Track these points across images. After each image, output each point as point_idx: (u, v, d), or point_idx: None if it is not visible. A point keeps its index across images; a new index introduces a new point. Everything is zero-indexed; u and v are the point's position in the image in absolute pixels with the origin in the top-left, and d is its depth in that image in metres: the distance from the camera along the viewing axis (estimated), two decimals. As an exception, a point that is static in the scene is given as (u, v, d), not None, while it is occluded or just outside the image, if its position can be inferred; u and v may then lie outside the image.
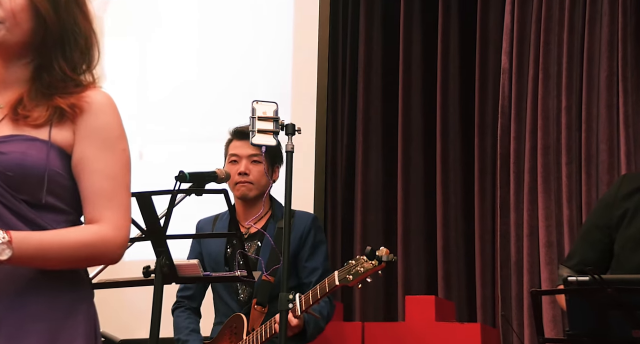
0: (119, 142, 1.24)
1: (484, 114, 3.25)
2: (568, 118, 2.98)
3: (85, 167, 1.22)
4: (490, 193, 3.21)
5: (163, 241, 1.86)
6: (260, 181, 2.41)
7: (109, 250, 1.20)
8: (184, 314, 2.48)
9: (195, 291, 2.50)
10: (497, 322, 3.07)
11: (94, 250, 1.20)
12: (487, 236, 3.17)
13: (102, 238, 1.20)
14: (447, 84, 3.33)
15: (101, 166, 1.22)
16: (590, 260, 1.93)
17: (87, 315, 1.22)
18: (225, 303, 2.44)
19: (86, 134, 1.22)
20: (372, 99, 3.48)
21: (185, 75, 3.46)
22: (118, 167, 1.23)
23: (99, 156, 1.22)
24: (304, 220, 2.43)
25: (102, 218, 1.21)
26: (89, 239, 1.19)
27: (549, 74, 3.04)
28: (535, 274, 2.96)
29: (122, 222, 1.21)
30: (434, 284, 3.22)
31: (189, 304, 2.50)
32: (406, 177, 3.34)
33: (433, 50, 3.36)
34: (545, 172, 2.99)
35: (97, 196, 1.21)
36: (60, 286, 1.20)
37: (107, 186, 1.21)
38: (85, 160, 1.22)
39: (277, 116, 2.05)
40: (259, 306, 2.36)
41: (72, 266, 1.21)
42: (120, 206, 1.21)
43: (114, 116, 1.24)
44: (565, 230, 2.91)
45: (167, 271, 1.86)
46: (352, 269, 2.09)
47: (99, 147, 1.22)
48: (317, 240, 2.43)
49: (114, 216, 1.21)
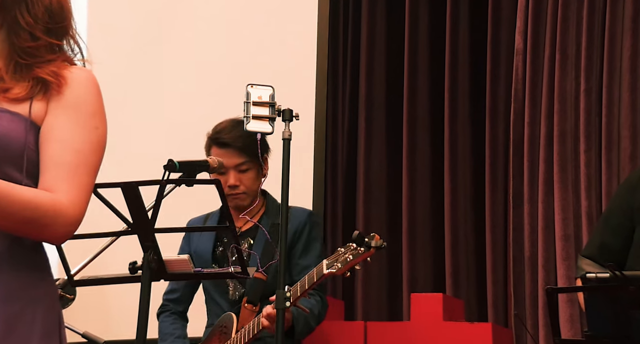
0: (93, 118, 1.21)
1: (496, 98, 3.23)
2: (587, 102, 2.96)
3: (51, 135, 1.18)
4: (502, 183, 3.20)
5: (151, 234, 1.85)
6: (252, 187, 2.41)
7: (58, 221, 1.15)
8: (169, 319, 2.48)
9: (182, 294, 2.50)
10: (509, 322, 3.07)
11: (42, 215, 1.14)
12: (499, 229, 3.16)
13: (54, 206, 1.15)
14: (456, 67, 3.31)
15: (67, 137, 1.18)
16: (612, 246, 1.92)
17: (48, 310, 1.19)
18: (216, 302, 2.43)
19: (59, 105, 1.20)
20: (375, 83, 3.47)
21: (176, 55, 3.45)
22: (85, 143, 1.19)
23: (67, 126, 1.19)
24: (300, 215, 2.42)
25: (57, 189, 1.16)
26: (41, 202, 1.15)
27: (566, 55, 3.02)
28: (550, 271, 2.95)
29: (79, 201, 1.17)
30: (441, 281, 3.21)
31: (175, 308, 2.50)
32: (411, 166, 3.33)
33: (441, 30, 3.34)
34: (562, 161, 2.98)
35: (56, 166, 1.17)
36: (18, 273, 1.17)
37: (69, 159, 1.17)
38: (52, 129, 1.19)
39: (273, 101, 2.03)
40: (249, 305, 2.35)
41: (12, 226, 1.15)
42: (79, 184, 1.17)
43: (92, 91, 1.22)
44: (584, 223, 2.89)
45: (155, 267, 1.84)
46: (341, 256, 2.08)
47: (69, 118, 1.19)
48: (311, 237, 2.42)
49: (71, 191, 1.16)
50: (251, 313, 2.34)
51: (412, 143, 3.34)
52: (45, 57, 1.22)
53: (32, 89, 1.20)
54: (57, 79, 1.20)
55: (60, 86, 1.20)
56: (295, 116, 2.08)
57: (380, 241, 2.05)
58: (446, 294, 3.05)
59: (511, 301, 3.03)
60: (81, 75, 1.22)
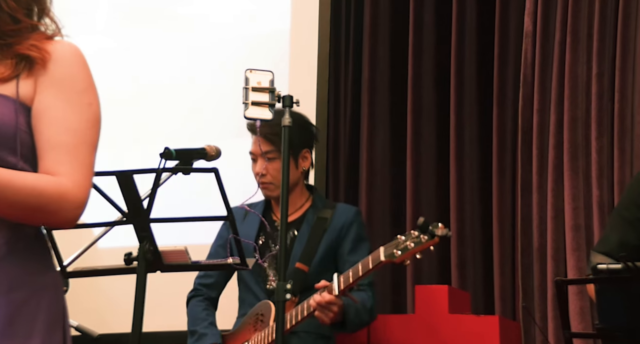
0: (85, 95, 1.20)
1: (504, 83, 3.21)
2: (599, 87, 2.94)
3: (43, 116, 1.18)
4: (511, 172, 3.18)
5: (146, 224, 1.85)
6: (279, 177, 2.38)
7: (65, 206, 1.16)
8: (202, 303, 2.47)
9: (216, 280, 2.49)
10: (517, 314, 3.06)
11: (47, 201, 1.15)
12: (507, 219, 3.15)
13: (58, 190, 1.15)
14: (463, 50, 3.29)
15: (61, 116, 1.18)
16: (632, 242, 1.91)
17: (53, 301, 1.19)
18: (252, 292, 2.43)
19: (47, 84, 1.19)
20: (379, 68, 3.45)
21: (175, 43, 3.45)
22: (81, 121, 1.19)
23: (60, 106, 1.18)
24: (347, 212, 2.45)
25: (59, 172, 1.17)
26: (45, 187, 1.15)
27: (578, 37, 3.00)
28: (560, 262, 2.94)
29: (83, 181, 1.17)
30: (447, 273, 3.21)
31: (208, 294, 2.49)
32: (416, 154, 3.32)
33: (447, 12, 3.32)
34: (573, 148, 2.96)
35: (54, 148, 1.17)
36: (22, 262, 1.17)
37: (66, 139, 1.17)
38: (44, 109, 1.18)
39: (273, 87, 2.03)
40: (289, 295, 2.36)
41: (18, 215, 1.15)
42: (81, 164, 1.17)
43: (80, 67, 1.21)
44: (595, 212, 2.88)
45: (151, 258, 1.85)
46: (401, 244, 2.08)
47: (61, 97, 1.18)
48: (360, 234, 2.45)
49: (74, 172, 1.17)
50: (290, 304, 2.33)
51: (416, 130, 3.33)
52: (25, 35, 1.22)
53: (16, 67, 1.19)
54: (41, 53, 1.19)
55: (45, 60, 1.19)
56: (295, 102, 2.07)
57: (446, 230, 2.06)
58: (452, 286, 3.05)
59: (519, 293, 3.03)
60: (66, 49, 1.21)
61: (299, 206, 2.47)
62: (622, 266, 1.67)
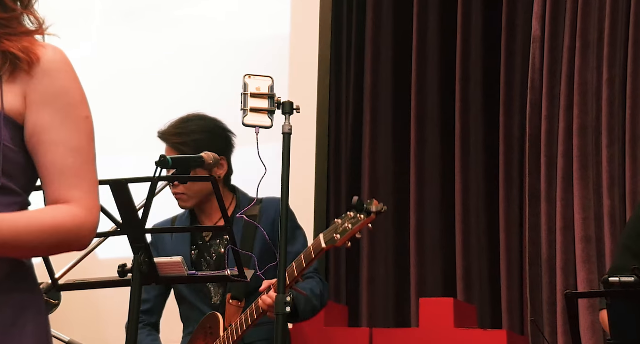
0: (81, 108, 1.19)
1: (511, 89, 3.21)
2: (610, 93, 2.94)
3: (44, 139, 1.17)
4: (518, 181, 3.18)
5: (142, 235, 1.84)
6: (192, 188, 2.39)
7: (82, 235, 1.18)
8: (145, 331, 2.46)
9: (154, 305, 2.48)
10: (526, 329, 3.05)
11: (68, 235, 1.16)
12: (514, 229, 3.14)
13: (75, 221, 1.17)
14: (469, 55, 3.29)
15: (63, 137, 1.17)
16: None
17: (37, 324, 1.19)
18: (198, 309, 2.41)
19: (41, 99, 1.17)
20: (382, 73, 3.45)
21: (171, 47, 3.45)
22: (83, 139, 1.18)
23: (60, 125, 1.17)
24: (275, 204, 2.41)
25: (70, 199, 1.17)
26: (62, 222, 1.16)
27: (588, 42, 3.00)
28: (570, 274, 2.93)
29: (93, 204, 1.18)
30: (452, 285, 3.20)
31: (148, 320, 2.48)
32: (420, 162, 3.31)
33: (452, 16, 3.31)
34: (583, 157, 2.96)
35: (61, 173, 1.17)
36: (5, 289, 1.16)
37: (72, 162, 1.17)
38: (43, 131, 1.17)
39: (272, 93, 2.02)
40: (234, 301, 2.34)
41: (43, 254, 1.20)
42: (89, 185, 1.18)
43: (73, 77, 1.19)
44: (606, 223, 2.88)
45: (146, 270, 1.83)
46: (340, 227, 2.06)
47: (59, 115, 1.17)
48: (293, 224, 2.41)
49: (84, 197, 1.17)
50: (237, 310, 2.32)
51: (421, 138, 3.32)
52: (18, 29, 1.20)
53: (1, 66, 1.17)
54: (28, 55, 1.17)
55: (32, 64, 1.17)
56: (296, 109, 2.06)
57: (381, 205, 2.04)
58: (457, 299, 3.04)
59: (527, 307, 3.02)
60: (57, 58, 1.19)
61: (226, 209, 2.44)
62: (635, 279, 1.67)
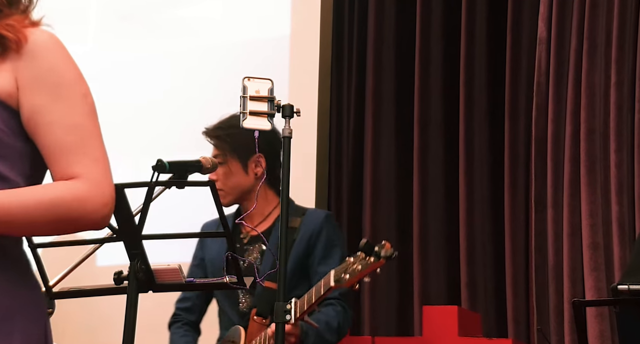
0: (76, 86, 1.18)
1: (517, 92, 3.20)
2: (618, 96, 2.92)
3: (40, 121, 1.16)
4: (523, 186, 3.16)
5: (138, 241, 1.83)
6: (227, 184, 2.40)
7: (87, 210, 1.15)
8: (180, 331, 2.46)
9: (194, 303, 2.48)
10: (532, 338, 3.03)
11: (68, 210, 1.14)
12: (520, 236, 3.13)
13: (74, 195, 1.14)
14: (473, 57, 3.28)
15: (58, 116, 1.16)
16: None
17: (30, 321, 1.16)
18: (227, 315, 2.41)
19: (32, 81, 1.16)
20: (384, 76, 3.44)
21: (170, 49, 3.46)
22: (81, 115, 1.17)
23: (55, 106, 1.16)
24: (316, 218, 2.41)
25: (73, 175, 1.16)
26: (60, 196, 1.14)
27: (595, 44, 2.98)
28: (577, 281, 2.91)
29: (101, 178, 1.16)
30: (456, 293, 3.18)
31: (187, 318, 2.48)
32: (423, 167, 3.30)
33: (456, 17, 3.31)
34: (590, 161, 2.94)
35: (61, 152, 1.16)
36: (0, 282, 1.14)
37: (72, 139, 1.16)
38: (38, 113, 1.16)
39: (272, 95, 2.01)
40: (258, 318, 2.33)
41: (43, 231, 1.16)
42: (94, 160, 1.16)
43: (64, 56, 1.18)
44: (614, 230, 2.86)
45: (142, 277, 1.82)
46: (349, 267, 2.06)
47: (53, 96, 1.16)
48: (330, 241, 2.40)
49: (88, 171, 1.16)
50: (260, 327, 2.31)
51: (423, 142, 3.31)
52: (4, 11, 1.19)
53: None
54: (16, 35, 1.16)
55: (20, 44, 1.16)
56: (296, 112, 2.05)
57: (391, 250, 2.02)
58: (461, 307, 3.02)
59: (533, 315, 3.00)
60: (46, 39, 1.18)
61: (266, 215, 2.43)
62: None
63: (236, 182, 2.40)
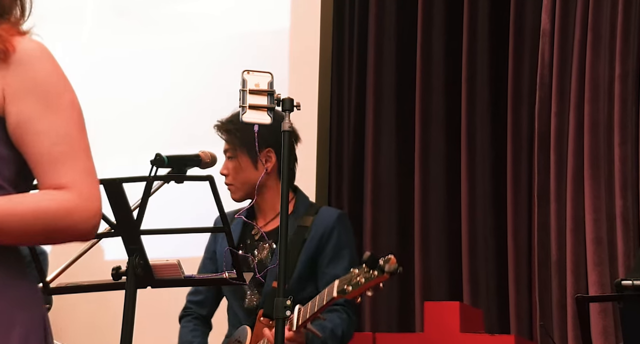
0: (64, 95, 1.18)
1: (519, 85, 3.19)
2: (623, 89, 2.91)
3: (28, 130, 1.16)
4: (526, 180, 3.15)
5: (136, 236, 1.82)
6: (237, 179, 2.37)
7: (76, 220, 1.15)
8: (190, 324, 2.43)
9: (205, 297, 2.45)
10: (534, 334, 3.02)
11: (55, 221, 1.14)
12: (522, 231, 3.12)
13: (62, 206, 1.15)
14: (475, 50, 3.27)
15: (47, 126, 1.16)
16: None
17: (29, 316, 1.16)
18: (234, 311, 2.39)
19: (20, 89, 1.16)
20: (385, 70, 3.43)
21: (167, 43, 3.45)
22: (70, 126, 1.17)
23: (43, 115, 1.16)
24: (328, 217, 2.37)
25: (61, 186, 1.16)
26: (47, 206, 1.14)
27: (599, 35, 2.97)
28: (580, 277, 2.90)
29: (89, 190, 1.16)
30: (458, 289, 3.18)
31: (198, 312, 2.45)
32: (425, 162, 3.29)
33: (458, 10, 3.29)
34: (594, 155, 2.93)
35: (49, 162, 1.16)
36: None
37: (60, 150, 1.16)
38: (26, 122, 1.16)
39: (272, 89, 2.00)
40: (265, 319, 2.30)
41: (30, 240, 1.16)
42: (82, 172, 1.16)
43: (53, 65, 1.18)
44: (618, 224, 2.85)
45: (141, 273, 1.82)
46: (353, 278, 2.03)
47: (41, 105, 1.16)
48: (341, 242, 2.37)
49: (76, 183, 1.16)
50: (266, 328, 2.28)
51: (425, 138, 3.31)
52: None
53: None
54: (4, 44, 1.16)
55: (7, 53, 1.16)
56: (296, 106, 2.04)
57: (395, 265, 1.99)
58: (463, 303, 3.01)
59: (536, 311, 2.99)
60: (34, 48, 1.18)
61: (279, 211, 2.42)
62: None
63: (246, 177, 2.37)
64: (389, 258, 2.00)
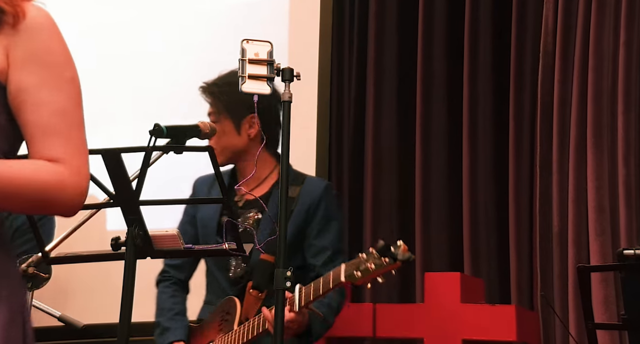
0: (66, 68, 1.18)
1: (522, 52, 3.16)
2: (627, 56, 2.88)
3: (28, 99, 1.16)
4: (528, 149, 3.15)
5: (136, 207, 1.82)
6: (219, 143, 2.35)
7: (66, 196, 1.16)
8: (169, 290, 2.42)
9: (184, 260, 2.44)
10: (535, 304, 3.03)
11: (50, 192, 1.15)
12: (524, 200, 3.12)
13: (57, 178, 1.15)
14: (477, 17, 3.24)
15: (47, 98, 1.16)
16: None
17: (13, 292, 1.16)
18: (216, 279, 2.38)
19: (25, 57, 1.16)
20: (386, 38, 3.40)
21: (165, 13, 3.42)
22: (68, 100, 1.17)
23: (44, 85, 1.16)
24: (315, 188, 2.36)
25: (55, 158, 1.16)
26: (45, 177, 1.15)
27: (604, 2, 2.93)
28: (582, 247, 2.90)
29: (80, 167, 1.17)
30: (458, 259, 3.18)
31: (176, 276, 2.44)
32: (425, 133, 3.28)
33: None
34: (597, 124, 2.92)
35: (45, 133, 1.16)
36: None
37: (56, 122, 1.16)
38: (26, 91, 1.16)
39: (271, 59, 1.98)
40: (254, 291, 2.30)
41: (18, 207, 1.16)
42: (76, 148, 1.17)
43: (57, 37, 1.18)
44: (621, 193, 2.84)
45: (140, 243, 1.82)
46: (362, 264, 2.02)
47: (43, 75, 1.16)
48: (328, 213, 2.36)
49: (70, 158, 1.16)
50: (256, 301, 2.29)
51: (426, 109, 3.29)
52: None
53: None
54: (15, 9, 1.15)
55: (18, 18, 1.15)
56: (296, 76, 2.03)
57: (409, 254, 1.99)
58: (464, 274, 3.03)
59: (537, 281, 3.00)
60: (44, 17, 1.18)
61: (263, 179, 2.37)
62: (653, 250, 1.65)
63: (227, 142, 2.36)
64: (400, 244, 2.00)
